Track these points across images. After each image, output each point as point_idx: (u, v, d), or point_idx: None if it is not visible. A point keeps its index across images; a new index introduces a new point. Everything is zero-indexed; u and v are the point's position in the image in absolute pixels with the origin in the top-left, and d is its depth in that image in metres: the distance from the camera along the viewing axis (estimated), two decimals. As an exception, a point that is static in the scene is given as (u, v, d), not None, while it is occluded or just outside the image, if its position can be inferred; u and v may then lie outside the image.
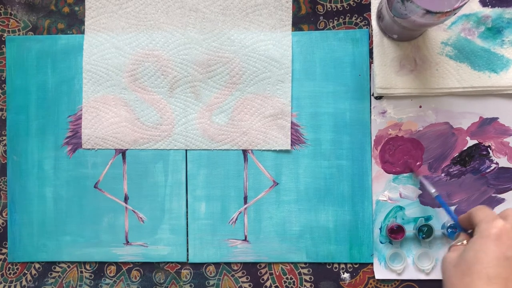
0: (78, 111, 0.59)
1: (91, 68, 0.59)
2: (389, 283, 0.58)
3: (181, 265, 0.59)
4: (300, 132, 0.58)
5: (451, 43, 0.57)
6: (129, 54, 0.59)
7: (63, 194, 0.59)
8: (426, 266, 0.57)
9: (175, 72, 0.59)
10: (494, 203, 0.58)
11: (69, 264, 0.60)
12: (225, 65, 0.58)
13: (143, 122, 0.59)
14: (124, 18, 0.59)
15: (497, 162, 0.58)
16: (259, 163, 0.59)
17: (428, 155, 0.58)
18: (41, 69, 0.60)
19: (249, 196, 0.59)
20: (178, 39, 0.59)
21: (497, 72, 0.56)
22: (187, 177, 0.59)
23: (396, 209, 0.58)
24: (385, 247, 0.58)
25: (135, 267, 0.60)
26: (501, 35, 0.57)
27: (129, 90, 0.59)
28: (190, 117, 0.59)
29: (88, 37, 0.59)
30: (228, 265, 0.59)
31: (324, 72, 0.58)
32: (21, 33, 0.60)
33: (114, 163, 0.59)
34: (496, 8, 0.57)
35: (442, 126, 0.58)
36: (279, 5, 0.58)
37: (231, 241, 0.59)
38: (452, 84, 0.56)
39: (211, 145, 0.59)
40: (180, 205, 0.59)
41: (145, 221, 0.59)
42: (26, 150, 0.60)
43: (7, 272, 0.60)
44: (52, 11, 0.60)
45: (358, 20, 0.58)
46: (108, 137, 0.59)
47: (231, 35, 0.58)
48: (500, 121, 0.57)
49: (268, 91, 0.58)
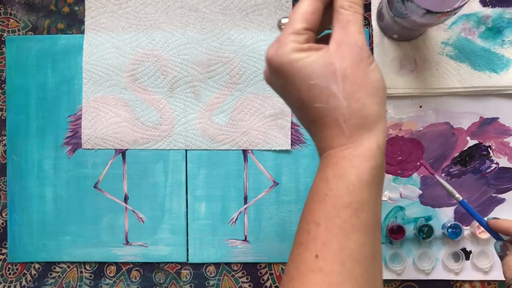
0: (78, 111, 0.59)
1: (91, 68, 0.59)
2: (389, 283, 0.58)
3: (181, 265, 0.59)
4: (300, 132, 0.58)
5: (451, 43, 0.57)
6: (129, 54, 0.59)
7: (63, 194, 0.59)
8: (426, 266, 0.57)
9: (175, 72, 0.59)
10: (494, 203, 0.58)
11: (69, 264, 0.60)
12: (225, 65, 0.58)
13: (143, 122, 0.59)
14: (124, 18, 0.59)
15: (498, 162, 0.58)
16: (259, 163, 0.59)
17: (429, 155, 0.58)
18: (41, 69, 0.60)
19: (249, 196, 0.59)
20: (178, 39, 0.59)
21: (498, 72, 0.56)
22: (187, 177, 0.59)
23: (396, 209, 0.58)
24: (385, 247, 0.58)
25: (135, 267, 0.60)
26: (502, 35, 0.56)
27: (129, 90, 0.59)
28: (190, 117, 0.59)
29: (88, 37, 0.59)
30: (228, 265, 0.59)
31: (324, 72, 0.58)
32: (21, 33, 0.60)
33: (114, 163, 0.59)
34: (497, 8, 0.57)
35: (442, 126, 0.58)
36: (279, 5, 0.58)
37: (231, 241, 0.59)
38: (452, 84, 0.56)
39: (211, 145, 0.59)
40: (180, 205, 0.59)
41: (145, 221, 0.59)
42: (26, 150, 0.60)
43: (7, 272, 0.60)
44: (52, 11, 0.60)
45: (358, 20, 0.58)
46: (108, 137, 0.59)
47: (231, 35, 0.58)
48: (500, 121, 0.57)
49: (268, 91, 0.58)
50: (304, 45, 0.34)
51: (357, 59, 0.34)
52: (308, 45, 0.34)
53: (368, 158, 0.34)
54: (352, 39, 0.34)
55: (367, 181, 0.34)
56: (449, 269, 0.57)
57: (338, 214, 0.33)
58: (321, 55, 0.34)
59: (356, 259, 0.33)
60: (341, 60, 0.34)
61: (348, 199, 0.33)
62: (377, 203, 0.35)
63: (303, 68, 0.34)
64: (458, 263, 0.57)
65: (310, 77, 0.34)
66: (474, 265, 0.57)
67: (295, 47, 0.34)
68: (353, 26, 0.34)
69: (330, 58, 0.34)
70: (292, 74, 0.34)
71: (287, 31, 0.35)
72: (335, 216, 0.33)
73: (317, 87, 0.34)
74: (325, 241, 0.33)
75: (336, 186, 0.34)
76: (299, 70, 0.34)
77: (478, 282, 0.58)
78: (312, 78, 0.34)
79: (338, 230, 0.33)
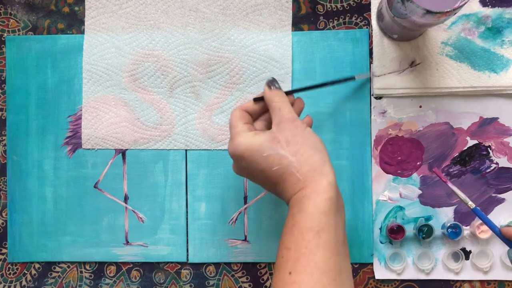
0: (78, 111, 0.59)
1: (91, 68, 0.59)
2: (389, 283, 0.58)
3: (181, 265, 0.59)
4: (300, 132, 0.58)
5: (451, 43, 0.57)
6: (129, 54, 0.59)
7: (63, 194, 0.59)
8: (426, 266, 0.57)
9: (175, 72, 0.59)
10: (494, 203, 0.58)
11: (69, 264, 0.60)
12: (225, 65, 0.58)
13: (143, 122, 0.59)
14: (124, 18, 0.59)
15: (497, 162, 0.58)
16: (259, 163, 0.59)
17: (428, 155, 0.58)
18: (41, 69, 0.60)
19: (249, 196, 0.59)
20: (178, 39, 0.59)
21: (497, 72, 0.56)
22: (187, 177, 0.59)
23: (396, 209, 0.58)
24: (385, 247, 0.58)
25: (135, 267, 0.60)
26: (501, 35, 0.56)
27: (129, 90, 0.59)
28: (190, 117, 0.59)
29: (88, 37, 0.59)
30: (228, 265, 0.59)
31: (324, 72, 0.58)
32: (21, 33, 0.60)
33: (114, 163, 0.59)
34: (496, 8, 0.57)
35: (442, 126, 0.58)
36: (279, 5, 0.58)
37: (231, 241, 0.59)
38: (452, 84, 0.56)
39: (211, 145, 0.59)
40: (180, 205, 0.59)
41: (145, 221, 0.59)
42: (26, 150, 0.60)
43: (7, 272, 0.60)
44: (52, 11, 0.60)
45: (358, 20, 0.58)
46: (108, 137, 0.59)
47: (231, 35, 0.58)
48: (500, 121, 0.57)
49: (268, 91, 0.58)
50: (251, 133, 0.46)
51: (293, 128, 0.45)
52: (254, 132, 0.46)
53: (322, 192, 0.42)
54: (285, 117, 0.45)
55: (323, 209, 0.41)
56: (449, 269, 0.57)
57: (303, 237, 0.41)
58: (267, 134, 0.45)
59: (323, 270, 0.40)
60: (282, 132, 0.45)
61: (310, 224, 0.41)
62: (337, 226, 0.42)
63: (256, 147, 0.45)
64: (458, 263, 0.57)
65: (263, 151, 0.44)
66: (474, 265, 0.57)
67: (245, 136, 0.45)
68: (284, 109, 0.46)
69: (274, 134, 0.45)
70: (250, 155, 0.45)
71: (234, 131, 0.47)
72: (301, 240, 0.41)
73: (270, 156, 0.44)
74: (295, 259, 0.41)
75: (300, 217, 0.42)
76: (254, 149, 0.45)
77: (478, 282, 0.58)
78: (264, 151, 0.44)
79: (304, 249, 0.40)
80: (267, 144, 0.44)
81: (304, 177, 0.43)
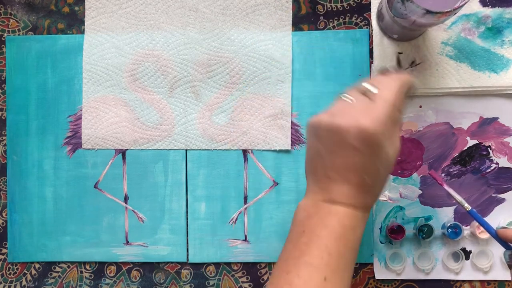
0: (78, 111, 0.59)
1: (91, 68, 0.59)
2: (389, 283, 0.58)
3: (181, 265, 0.59)
4: (300, 132, 0.58)
5: (451, 43, 0.57)
6: (129, 54, 0.59)
7: (63, 194, 0.59)
8: (426, 266, 0.57)
9: (175, 72, 0.59)
10: (494, 203, 0.58)
11: (69, 264, 0.60)
12: (225, 65, 0.58)
13: (143, 122, 0.59)
14: (124, 18, 0.59)
15: (497, 162, 0.58)
16: (259, 163, 0.59)
17: (428, 155, 0.58)
18: (41, 69, 0.60)
19: (249, 196, 0.59)
20: (178, 39, 0.59)
21: (497, 72, 0.56)
22: (187, 177, 0.59)
23: (396, 209, 0.58)
24: (385, 247, 0.58)
25: (135, 267, 0.60)
26: (501, 35, 0.56)
27: (129, 90, 0.59)
28: (190, 117, 0.59)
29: (88, 37, 0.59)
30: (228, 265, 0.59)
31: (324, 72, 0.58)
32: (21, 33, 0.60)
33: (114, 163, 0.59)
34: (496, 8, 0.57)
35: (442, 126, 0.58)
36: (279, 5, 0.58)
37: (231, 241, 0.59)
38: (452, 84, 0.56)
39: (211, 145, 0.59)
40: (180, 205, 0.59)
41: (145, 221, 0.59)
42: (26, 150, 0.60)
43: (7, 272, 0.60)
44: (52, 11, 0.60)
45: (358, 20, 0.58)
46: (108, 137, 0.59)
47: (231, 35, 0.58)
48: (500, 121, 0.57)
49: (268, 91, 0.58)
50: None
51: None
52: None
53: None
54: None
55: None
56: (449, 269, 0.57)
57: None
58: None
59: (314, 267, 0.41)
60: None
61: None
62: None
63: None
64: (458, 263, 0.57)
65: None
66: (474, 265, 0.57)
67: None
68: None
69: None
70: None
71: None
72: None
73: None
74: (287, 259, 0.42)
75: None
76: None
77: (478, 282, 0.58)
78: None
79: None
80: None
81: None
